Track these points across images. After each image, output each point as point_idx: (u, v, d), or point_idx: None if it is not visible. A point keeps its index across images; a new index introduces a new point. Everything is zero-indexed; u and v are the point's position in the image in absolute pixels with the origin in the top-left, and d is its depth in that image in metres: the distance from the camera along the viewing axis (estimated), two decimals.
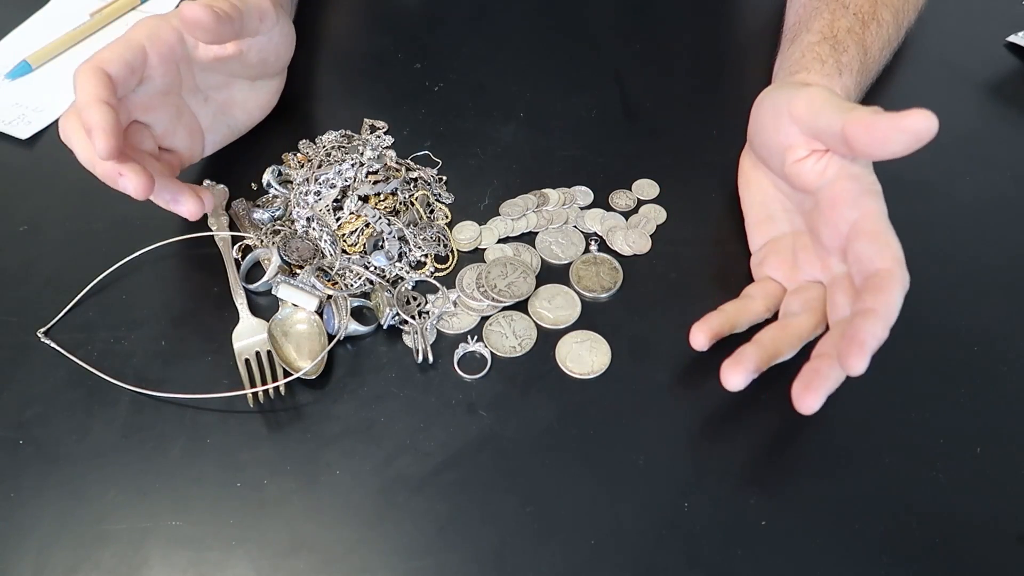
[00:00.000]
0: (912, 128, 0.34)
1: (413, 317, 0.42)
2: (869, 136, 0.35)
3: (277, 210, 0.47)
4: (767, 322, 0.41)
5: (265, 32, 0.46)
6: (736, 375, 0.36)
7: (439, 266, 0.46)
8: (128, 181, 0.39)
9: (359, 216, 0.47)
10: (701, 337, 0.39)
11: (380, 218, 0.46)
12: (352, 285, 0.44)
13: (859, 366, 0.32)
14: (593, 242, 0.47)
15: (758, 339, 0.38)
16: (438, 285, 0.44)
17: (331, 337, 0.42)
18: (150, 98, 0.43)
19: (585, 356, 0.41)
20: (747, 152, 0.46)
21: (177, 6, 0.66)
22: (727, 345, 0.42)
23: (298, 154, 0.52)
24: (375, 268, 0.45)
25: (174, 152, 0.46)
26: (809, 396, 0.34)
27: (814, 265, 0.41)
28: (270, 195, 0.49)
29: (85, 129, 0.39)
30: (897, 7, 0.51)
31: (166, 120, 0.44)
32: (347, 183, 0.48)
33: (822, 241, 0.39)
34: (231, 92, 0.49)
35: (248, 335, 0.42)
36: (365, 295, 0.44)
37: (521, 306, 0.44)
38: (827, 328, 0.39)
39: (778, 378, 0.40)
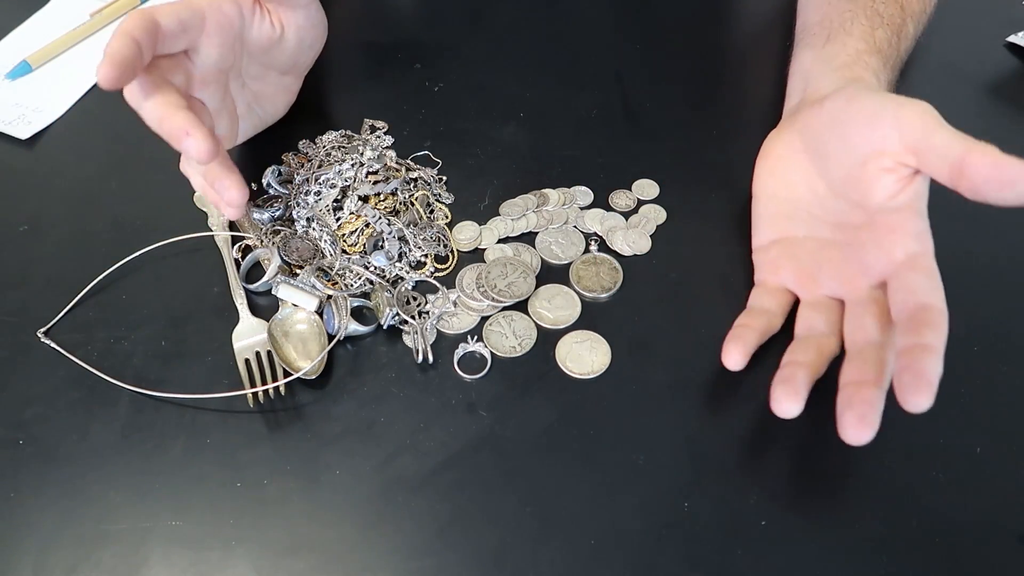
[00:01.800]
0: None
1: (413, 317, 0.42)
2: (995, 173, 0.33)
3: (277, 210, 0.47)
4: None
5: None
6: (793, 403, 0.35)
7: (439, 266, 0.46)
8: (193, 141, 0.37)
9: (359, 216, 0.47)
10: (738, 356, 0.38)
11: (380, 218, 0.46)
12: (352, 285, 0.44)
13: (926, 404, 0.32)
14: (593, 242, 0.47)
15: (805, 364, 0.37)
16: (438, 285, 0.44)
17: (331, 337, 0.42)
18: (206, 71, 0.43)
19: (585, 356, 0.41)
20: (782, 139, 0.44)
21: None
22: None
23: (298, 154, 0.52)
24: (375, 268, 0.45)
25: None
26: (866, 429, 0.33)
27: (838, 282, 0.40)
28: (270, 195, 0.49)
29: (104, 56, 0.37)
30: (918, 19, 0.51)
31: (216, 99, 0.44)
32: (347, 183, 0.48)
33: (865, 260, 0.38)
34: (263, 83, 0.49)
35: (248, 335, 0.42)
36: (365, 295, 0.44)
37: (521, 306, 0.44)
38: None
39: None
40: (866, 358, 0.36)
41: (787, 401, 0.35)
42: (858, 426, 0.33)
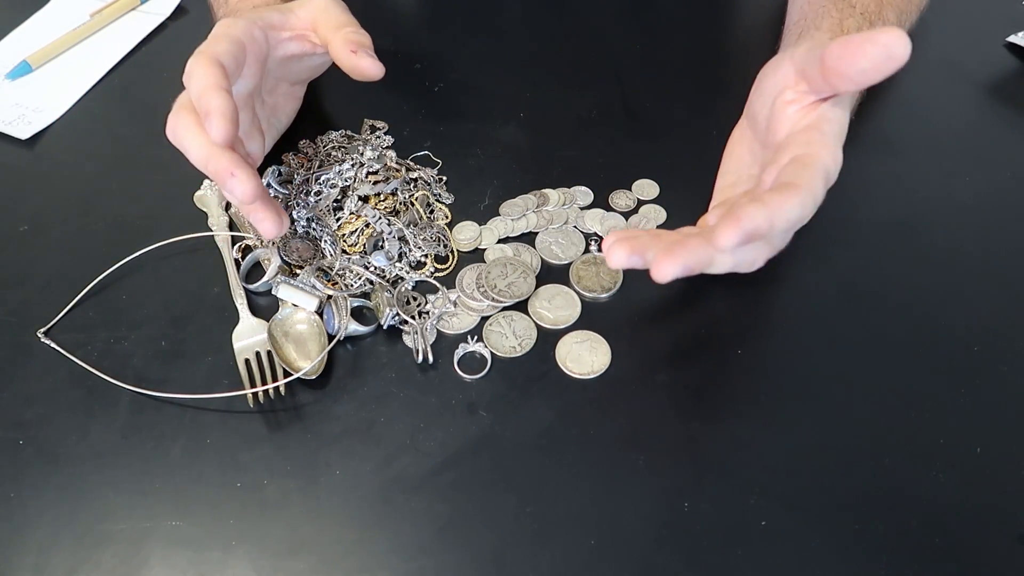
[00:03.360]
0: (883, 42, 0.33)
1: (413, 317, 0.42)
2: (843, 50, 0.34)
3: None
4: None
5: None
6: (671, 266, 0.33)
7: (439, 266, 0.46)
8: (238, 183, 0.38)
9: (359, 216, 0.47)
10: (623, 258, 0.34)
11: (380, 218, 0.46)
12: (352, 285, 0.44)
13: (727, 240, 0.31)
14: (593, 242, 0.47)
15: (685, 234, 0.36)
16: (438, 285, 0.44)
17: (331, 337, 0.42)
18: (240, 99, 0.43)
19: (585, 356, 0.41)
20: (739, 125, 0.46)
21: (176, 10, 0.66)
22: (724, 344, 0.42)
23: (298, 154, 0.52)
24: (375, 268, 0.45)
25: (249, 155, 0.46)
26: (668, 263, 0.32)
27: None
28: (270, 195, 0.49)
29: (203, 114, 0.38)
30: (901, 8, 0.51)
31: (247, 122, 0.45)
32: (347, 183, 0.48)
33: (766, 180, 0.38)
34: (276, 95, 0.50)
35: (248, 335, 0.42)
36: (365, 295, 0.44)
37: (521, 306, 0.44)
38: None
39: (777, 377, 0.40)
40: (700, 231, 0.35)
41: (617, 248, 0.34)
42: (663, 259, 0.32)
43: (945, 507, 0.36)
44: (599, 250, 0.46)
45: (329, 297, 0.43)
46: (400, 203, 0.48)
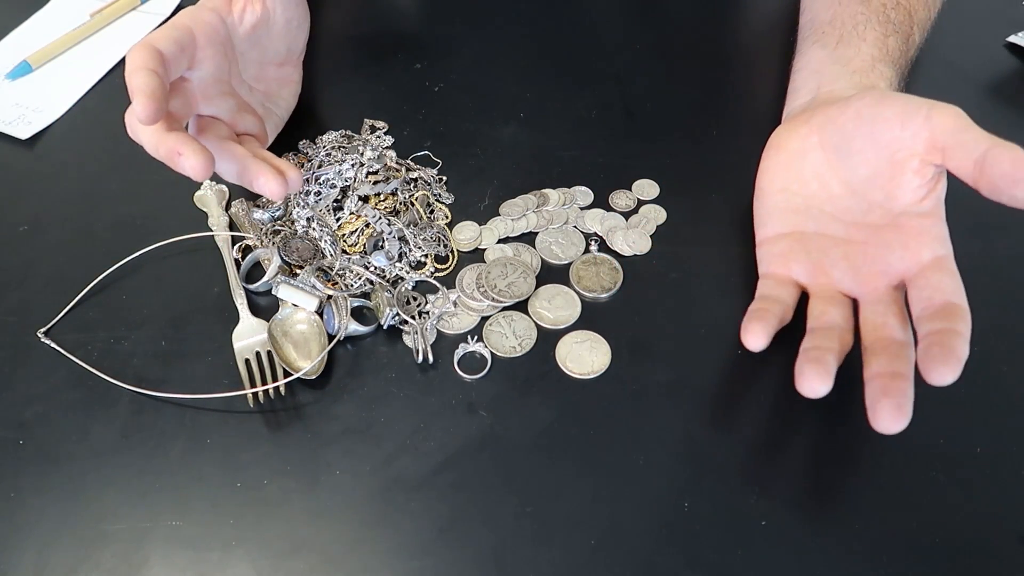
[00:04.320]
0: None
1: (413, 317, 0.42)
2: (1011, 169, 0.33)
3: (277, 210, 0.47)
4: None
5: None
6: (823, 382, 0.34)
7: (439, 266, 0.46)
8: (186, 160, 0.38)
9: (359, 216, 0.47)
10: (762, 336, 0.37)
11: (380, 218, 0.46)
12: (352, 285, 0.44)
13: (951, 376, 0.32)
14: (593, 242, 0.47)
15: (831, 349, 0.36)
16: (438, 285, 0.44)
17: (331, 337, 0.42)
18: (206, 85, 0.43)
19: (585, 356, 0.41)
20: (796, 134, 0.43)
21: (176, 10, 0.66)
22: (724, 344, 0.42)
23: (298, 154, 0.52)
24: (375, 268, 0.45)
25: (251, 135, 0.47)
26: (901, 418, 0.32)
27: (854, 279, 0.39)
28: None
29: (131, 96, 0.38)
30: (923, 27, 0.51)
31: (229, 107, 0.45)
32: (347, 183, 0.48)
33: (887, 260, 0.38)
34: (266, 82, 0.50)
35: (248, 335, 0.42)
36: (365, 295, 0.44)
37: (521, 306, 0.44)
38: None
39: (776, 376, 0.40)
40: (894, 353, 0.35)
41: (817, 379, 0.34)
42: (896, 415, 0.32)
43: (945, 507, 0.36)
44: (599, 250, 0.46)
45: (329, 297, 0.43)
46: (400, 203, 0.48)
